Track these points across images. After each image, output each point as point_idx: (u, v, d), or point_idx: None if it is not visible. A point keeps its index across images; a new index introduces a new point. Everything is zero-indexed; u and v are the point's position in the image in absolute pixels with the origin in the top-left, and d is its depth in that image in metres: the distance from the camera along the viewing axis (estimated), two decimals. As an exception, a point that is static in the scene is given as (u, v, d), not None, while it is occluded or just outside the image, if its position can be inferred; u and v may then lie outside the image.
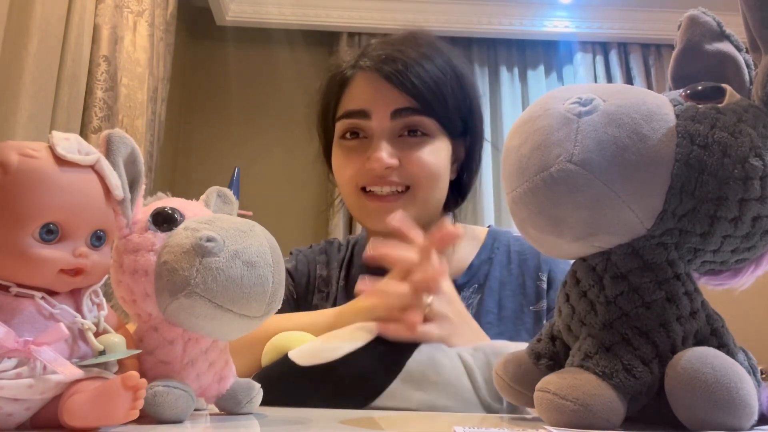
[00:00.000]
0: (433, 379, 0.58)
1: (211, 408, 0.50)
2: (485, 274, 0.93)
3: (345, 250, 1.04)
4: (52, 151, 0.39)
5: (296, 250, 1.07)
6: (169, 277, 0.41)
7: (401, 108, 0.87)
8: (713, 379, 0.36)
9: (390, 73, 0.87)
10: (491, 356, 0.59)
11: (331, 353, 0.59)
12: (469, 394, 0.58)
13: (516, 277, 0.93)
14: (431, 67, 0.88)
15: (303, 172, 2.90)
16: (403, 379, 0.57)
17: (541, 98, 0.43)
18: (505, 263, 0.95)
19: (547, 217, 0.41)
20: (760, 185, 0.39)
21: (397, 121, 0.88)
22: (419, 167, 0.87)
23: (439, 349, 0.60)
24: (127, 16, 1.99)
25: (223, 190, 0.52)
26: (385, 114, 0.88)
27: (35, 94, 1.53)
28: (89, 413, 0.35)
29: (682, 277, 0.41)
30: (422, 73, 0.87)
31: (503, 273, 0.94)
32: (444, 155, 0.90)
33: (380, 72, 0.88)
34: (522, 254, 0.95)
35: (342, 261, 1.02)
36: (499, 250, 0.97)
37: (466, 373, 0.59)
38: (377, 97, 0.88)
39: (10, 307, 0.37)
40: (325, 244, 1.07)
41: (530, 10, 3.02)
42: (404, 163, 0.87)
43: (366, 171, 0.88)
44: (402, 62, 0.87)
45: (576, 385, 0.38)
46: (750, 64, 0.46)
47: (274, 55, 3.02)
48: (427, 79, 0.87)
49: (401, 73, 0.87)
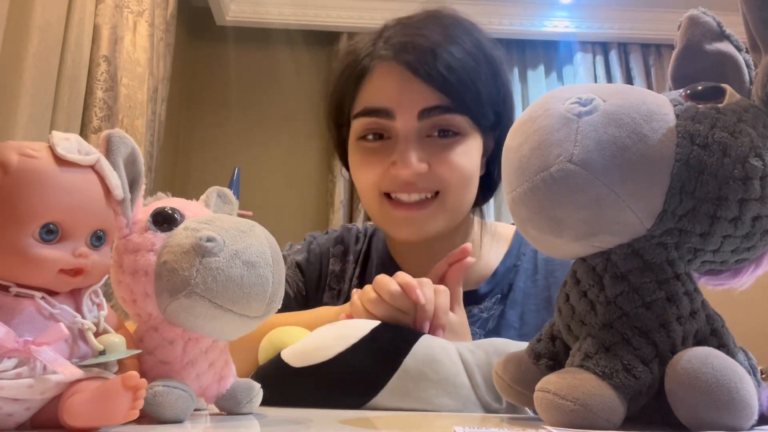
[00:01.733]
0: (431, 377, 0.57)
1: (211, 408, 0.50)
2: (509, 283, 0.86)
3: (363, 241, 0.95)
4: (52, 151, 0.39)
5: (311, 236, 0.97)
6: (169, 277, 0.41)
7: (430, 107, 0.77)
8: (713, 379, 0.36)
9: (415, 63, 0.76)
10: (491, 355, 0.58)
11: (324, 353, 0.58)
12: (468, 392, 0.57)
13: (542, 290, 0.86)
14: (460, 52, 0.77)
15: (303, 172, 2.92)
16: (400, 377, 0.56)
17: (541, 98, 0.43)
18: (531, 273, 0.87)
19: (547, 217, 0.41)
20: (760, 185, 0.39)
21: (425, 122, 0.78)
22: (450, 171, 0.78)
23: (438, 346, 0.59)
24: (127, 16, 1.99)
25: (223, 190, 0.52)
26: (411, 114, 0.77)
27: (35, 95, 1.53)
28: (89, 413, 0.35)
29: (682, 277, 0.41)
30: (452, 61, 0.76)
31: (528, 284, 0.86)
32: (476, 154, 0.82)
33: (404, 62, 0.77)
34: (549, 263, 0.87)
35: (359, 254, 0.93)
36: (525, 256, 0.89)
37: (465, 372, 0.58)
38: (402, 94, 0.77)
39: (10, 307, 0.37)
40: (343, 231, 0.97)
41: (530, 10, 3.02)
42: (434, 167, 0.78)
43: (391, 177, 0.78)
44: (428, 50, 0.76)
45: (576, 385, 0.38)
46: (750, 64, 0.46)
47: (274, 55, 3.02)
48: (458, 69, 0.76)
49: (428, 63, 0.76)
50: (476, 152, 0.82)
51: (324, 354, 0.58)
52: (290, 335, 0.62)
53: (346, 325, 0.62)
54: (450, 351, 0.59)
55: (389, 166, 0.79)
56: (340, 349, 0.58)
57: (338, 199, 2.85)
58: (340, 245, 0.95)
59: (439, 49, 0.76)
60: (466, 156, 0.79)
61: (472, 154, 0.81)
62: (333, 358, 0.57)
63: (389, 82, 0.79)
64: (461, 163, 0.79)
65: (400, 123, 0.78)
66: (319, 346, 0.59)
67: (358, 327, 0.60)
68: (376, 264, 0.92)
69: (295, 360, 0.59)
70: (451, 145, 0.79)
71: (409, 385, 0.57)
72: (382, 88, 0.80)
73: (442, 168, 0.78)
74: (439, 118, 0.78)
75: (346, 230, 0.97)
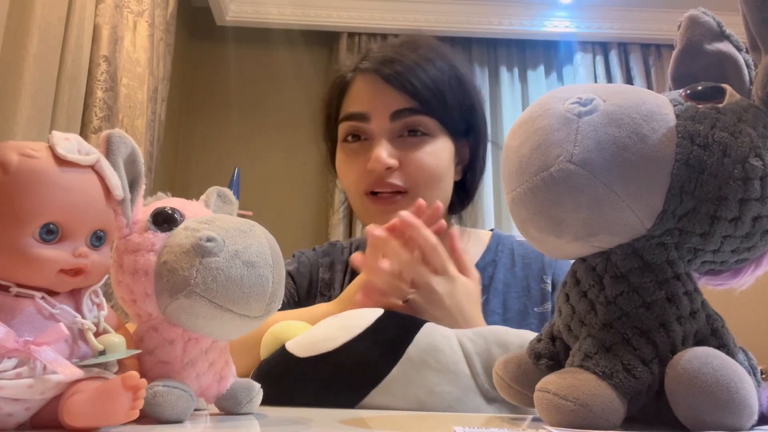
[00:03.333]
0: (433, 366, 0.58)
1: (211, 408, 0.50)
2: (490, 275, 0.93)
3: (348, 253, 1.03)
4: (52, 151, 0.39)
5: (298, 252, 1.06)
6: (169, 277, 0.41)
7: (400, 109, 0.87)
8: (713, 379, 0.36)
9: (389, 74, 0.88)
10: (491, 343, 0.60)
11: (329, 344, 0.59)
12: (468, 380, 0.58)
13: (520, 279, 0.93)
14: (430, 68, 0.89)
15: (303, 172, 2.91)
16: (403, 366, 0.57)
17: (541, 98, 0.43)
18: (509, 266, 0.95)
19: (547, 217, 0.41)
20: (760, 185, 0.39)
21: (396, 123, 0.88)
22: (417, 169, 0.87)
23: (439, 335, 0.60)
24: (127, 16, 1.99)
25: (223, 190, 0.52)
26: (384, 116, 0.88)
27: (35, 95, 1.53)
28: (89, 413, 0.35)
29: (682, 277, 0.41)
30: (421, 74, 0.88)
31: (507, 275, 0.94)
32: (445, 155, 0.90)
33: (379, 74, 0.89)
34: (526, 258, 0.96)
35: (346, 264, 1.01)
36: (503, 252, 0.97)
37: (465, 360, 0.59)
38: (376, 99, 0.89)
39: (10, 307, 0.37)
40: (328, 247, 1.06)
41: (530, 10, 3.02)
42: (404, 165, 0.87)
43: (368, 174, 0.88)
44: (401, 63, 0.88)
45: (576, 385, 0.38)
46: (750, 64, 0.46)
47: (274, 55, 3.02)
48: (426, 79, 0.87)
49: (400, 74, 0.87)
50: (445, 153, 0.90)
51: (330, 344, 0.58)
52: (294, 328, 0.62)
53: (350, 316, 0.63)
54: (451, 339, 0.60)
55: (367, 163, 0.88)
56: (345, 339, 0.59)
57: (338, 199, 2.85)
58: (327, 257, 1.03)
59: (411, 63, 0.88)
60: (433, 156, 0.88)
61: (439, 154, 0.89)
62: (338, 347, 0.58)
63: (366, 90, 0.91)
64: (428, 162, 0.88)
65: (374, 124, 0.89)
66: (325, 337, 0.60)
67: (362, 317, 0.61)
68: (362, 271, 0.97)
69: (300, 350, 0.59)
70: (419, 143, 0.88)
71: (411, 374, 0.58)
72: (360, 95, 0.92)
73: (410, 167, 0.87)
74: (409, 119, 0.88)
75: (331, 246, 1.07)
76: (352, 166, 0.91)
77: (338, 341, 0.59)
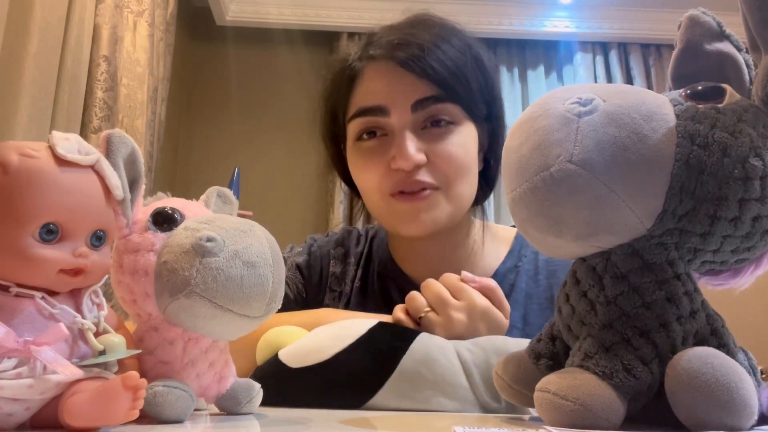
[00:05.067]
0: (428, 377, 0.56)
1: (211, 408, 0.50)
2: (511, 284, 0.86)
3: (364, 243, 0.95)
4: (52, 151, 0.39)
5: (311, 238, 0.98)
6: (169, 277, 0.41)
7: (423, 98, 0.79)
8: (713, 379, 0.36)
9: (406, 59, 0.78)
10: (490, 354, 0.58)
11: (321, 354, 0.57)
12: (466, 392, 0.57)
13: (544, 290, 0.87)
14: (449, 48, 0.80)
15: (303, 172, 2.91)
16: (397, 378, 0.56)
17: (541, 98, 0.43)
18: (532, 273, 0.88)
19: (547, 217, 0.41)
20: (760, 185, 0.39)
21: (419, 113, 0.79)
22: (447, 163, 0.79)
23: (435, 346, 0.58)
24: (127, 16, 1.99)
25: (223, 190, 0.52)
26: (405, 107, 0.79)
27: (35, 94, 1.53)
28: (89, 413, 0.35)
29: (682, 277, 0.41)
30: (441, 56, 0.79)
31: (530, 284, 0.87)
32: (472, 144, 0.83)
33: (395, 59, 0.79)
34: (550, 264, 0.88)
35: (360, 257, 0.94)
36: (526, 257, 0.89)
37: (463, 371, 0.57)
38: (395, 89, 0.79)
39: (10, 307, 0.37)
40: (343, 234, 0.98)
41: (530, 10, 3.02)
42: (432, 159, 0.79)
43: (393, 173, 0.79)
44: (418, 47, 0.78)
45: (576, 385, 0.38)
46: (750, 64, 0.46)
47: (274, 55, 3.02)
48: (448, 62, 0.79)
49: (419, 58, 0.78)
50: (471, 141, 0.83)
51: (321, 355, 0.57)
52: (288, 335, 0.61)
53: (343, 326, 0.61)
54: (447, 350, 0.58)
55: (389, 163, 0.79)
56: (336, 349, 0.57)
57: (338, 199, 2.85)
58: (340, 247, 0.95)
59: (428, 45, 0.79)
60: (461, 146, 0.81)
61: (467, 143, 0.82)
62: (330, 358, 0.57)
63: (382, 81, 0.81)
64: (457, 153, 0.80)
65: (395, 118, 0.79)
66: (317, 347, 0.58)
67: (354, 327, 0.60)
68: (377, 266, 0.92)
69: (292, 360, 0.58)
70: (445, 134, 0.80)
71: (406, 386, 0.56)
72: (374, 87, 0.81)
73: (439, 160, 0.79)
74: (432, 108, 0.79)
75: (347, 233, 0.98)
76: (373, 166, 0.81)
77: (330, 351, 0.57)
